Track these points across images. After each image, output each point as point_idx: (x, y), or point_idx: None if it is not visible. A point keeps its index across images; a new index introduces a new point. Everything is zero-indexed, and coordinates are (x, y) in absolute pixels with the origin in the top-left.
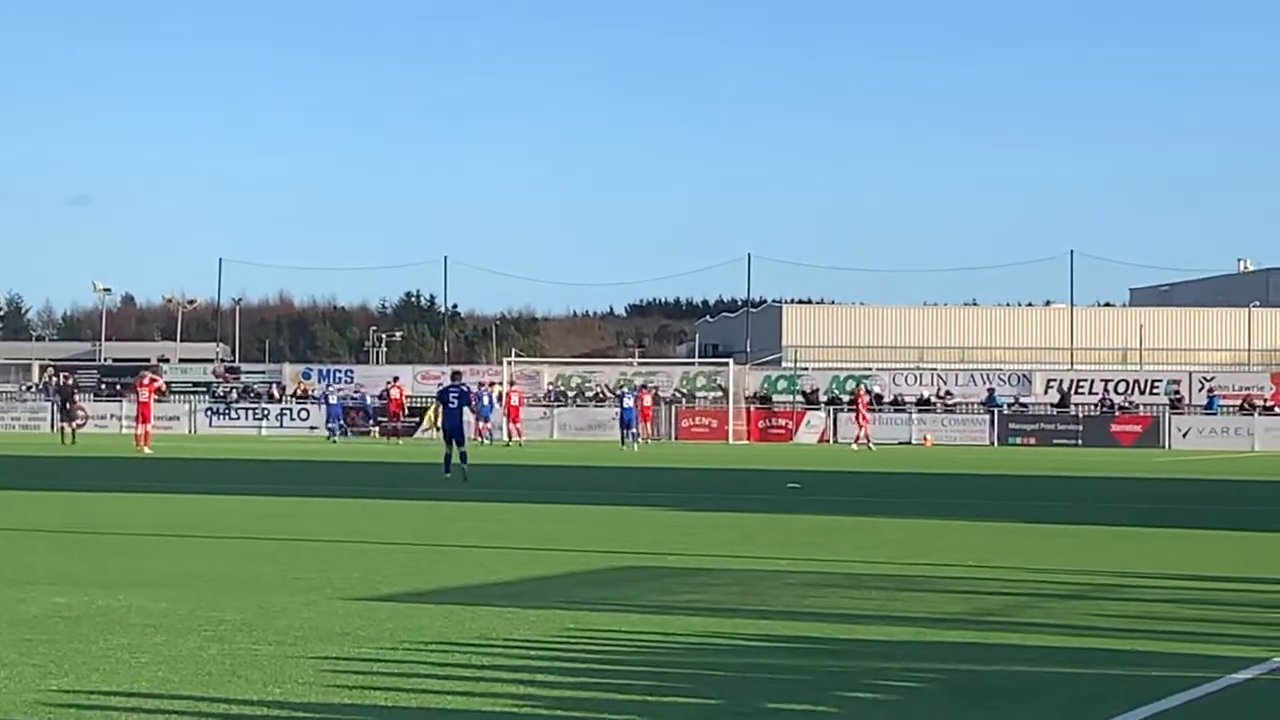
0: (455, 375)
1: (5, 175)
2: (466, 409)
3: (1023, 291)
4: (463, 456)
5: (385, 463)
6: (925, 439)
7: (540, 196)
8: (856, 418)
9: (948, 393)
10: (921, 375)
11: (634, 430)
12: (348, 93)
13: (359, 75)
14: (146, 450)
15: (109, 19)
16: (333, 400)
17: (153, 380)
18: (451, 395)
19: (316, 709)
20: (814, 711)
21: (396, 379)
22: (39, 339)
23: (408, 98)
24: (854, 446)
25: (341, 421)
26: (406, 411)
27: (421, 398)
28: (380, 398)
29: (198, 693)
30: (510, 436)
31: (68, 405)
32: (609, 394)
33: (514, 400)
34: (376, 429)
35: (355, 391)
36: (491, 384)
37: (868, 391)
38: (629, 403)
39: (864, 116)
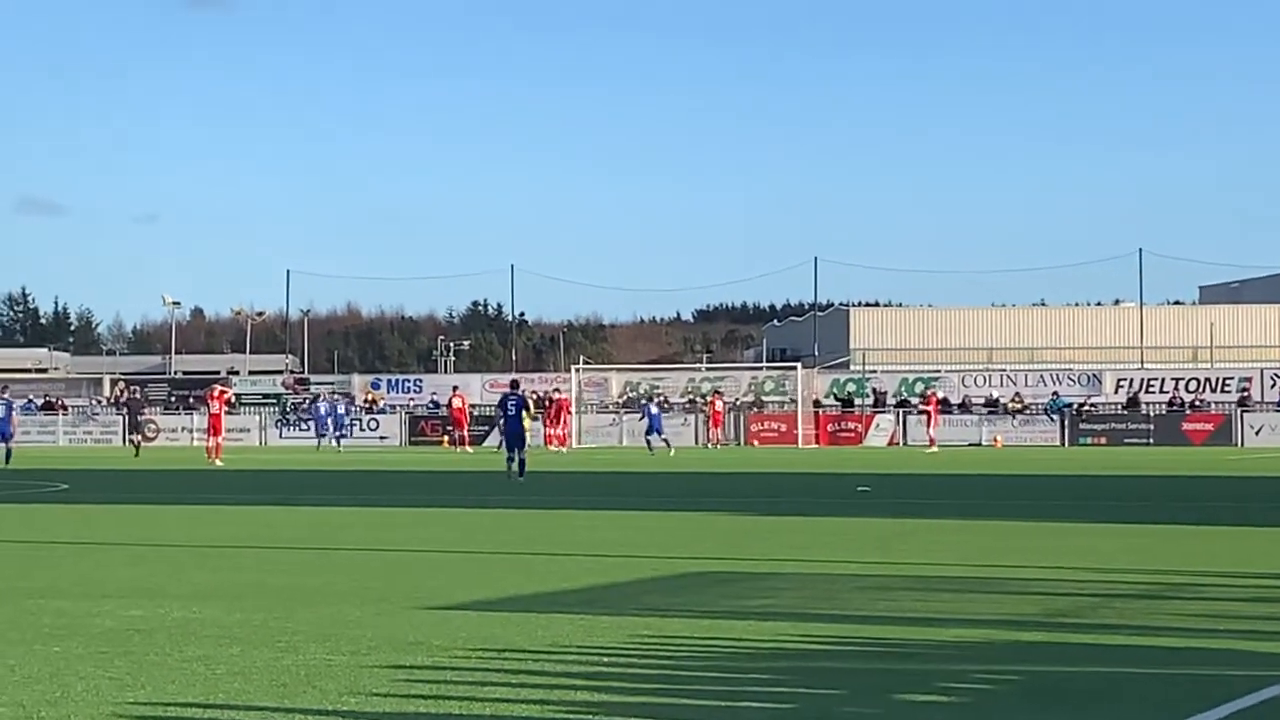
0: (514, 384)
1: (74, 193)
2: (527, 416)
3: (1091, 291)
4: (521, 463)
5: (455, 472)
6: (995, 440)
7: (606, 202)
8: (928, 421)
9: (1017, 394)
10: (990, 376)
11: (662, 435)
12: (411, 102)
13: (422, 85)
14: (218, 462)
15: (172, 37)
16: (323, 410)
17: (222, 392)
18: (510, 403)
19: (391, 718)
20: (887, 715)
21: (456, 388)
22: (110, 354)
23: (471, 106)
24: (929, 450)
25: (341, 430)
26: (473, 420)
27: (490, 406)
28: (445, 406)
29: (273, 703)
30: (551, 442)
31: (137, 418)
32: (640, 401)
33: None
34: (446, 438)
35: (429, 401)
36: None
37: (937, 394)
38: (654, 410)
39: (929, 117)
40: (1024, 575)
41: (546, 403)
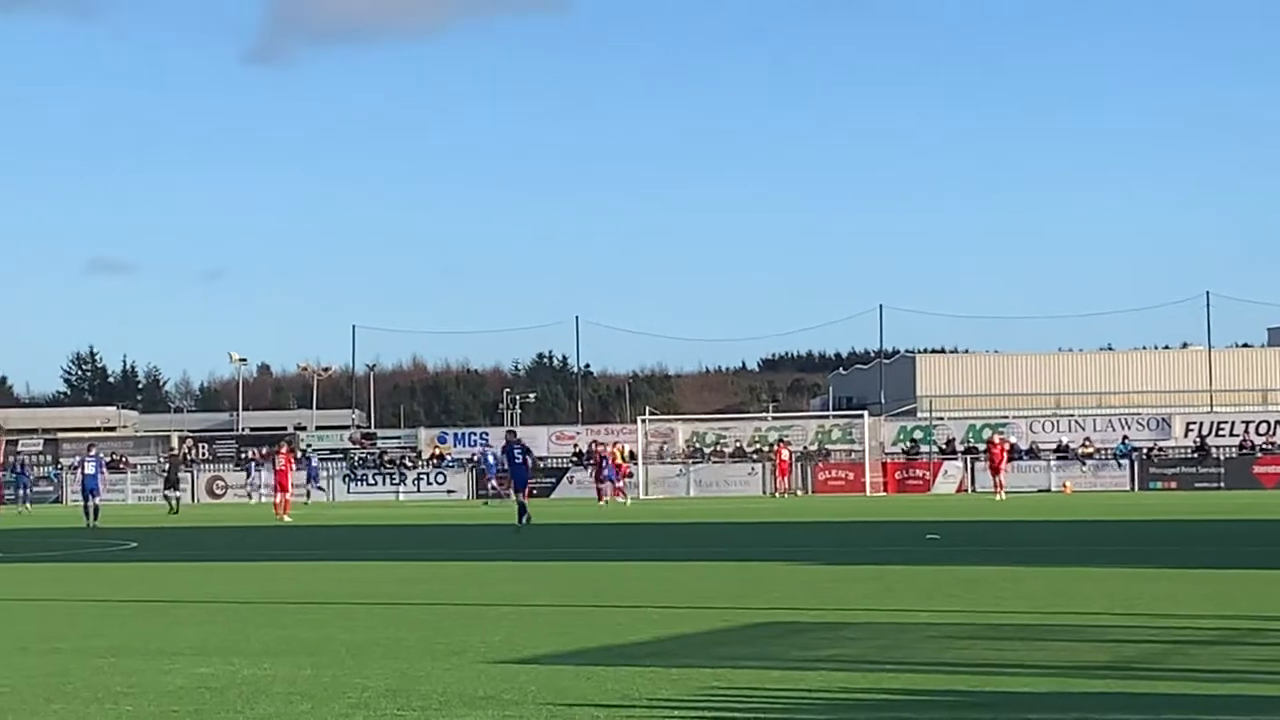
0: (511, 434)
1: (140, 251)
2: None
3: (1159, 334)
4: (523, 507)
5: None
6: (1065, 486)
7: (671, 252)
8: (993, 466)
9: (1087, 439)
10: (1058, 422)
11: (616, 483)
12: (472, 155)
13: (484, 136)
14: (285, 518)
15: (233, 93)
16: (314, 462)
17: (290, 451)
18: (516, 450)
19: None
20: None
21: (480, 442)
22: (177, 411)
23: (535, 156)
24: (999, 497)
25: (318, 483)
26: (540, 471)
27: (558, 458)
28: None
29: None
30: (602, 496)
31: (176, 476)
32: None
33: (618, 459)
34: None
35: (484, 453)
36: (612, 444)
37: (1006, 440)
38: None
39: (994, 164)
40: (1095, 622)
41: (590, 456)
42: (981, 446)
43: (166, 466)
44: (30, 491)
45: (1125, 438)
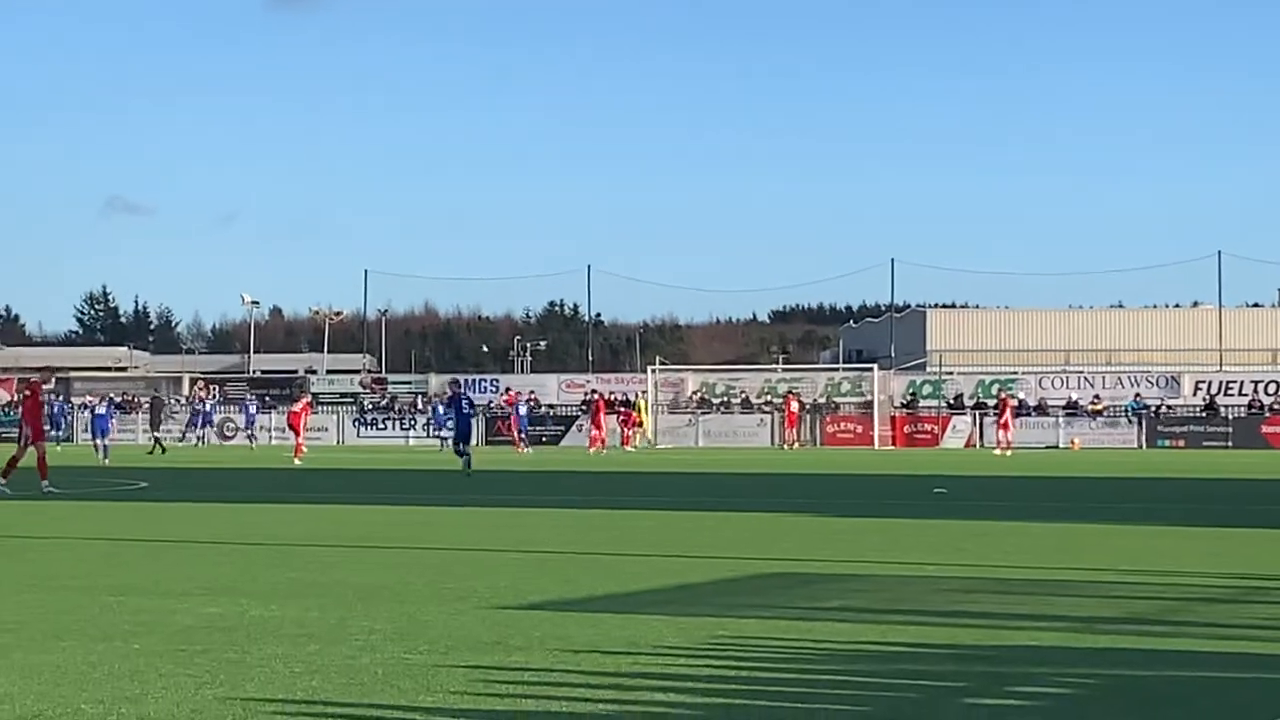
0: (455, 384)
1: (157, 193)
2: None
3: (1170, 293)
4: (466, 456)
5: (529, 472)
6: (1073, 442)
7: (682, 203)
8: (999, 423)
9: (1097, 397)
10: (1068, 378)
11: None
12: (487, 102)
13: (497, 84)
14: (296, 461)
15: (252, 38)
16: (99, 410)
17: (307, 404)
18: (463, 403)
19: (469, 716)
20: (962, 719)
21: (509, 389)
22: (189, 352)
23: (545, 106)
24: (996, 452)
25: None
26: (551, 420)
27: (568, 406)
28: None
29: (351, 700)
30: (593, 445)
31: (159, 417)
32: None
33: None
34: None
35: (434, 404)
36: (516, 393)
37: (1013, 397)
38: (523, 410)
39: (1007, 119)
40: (1102, 578)
41: (586, 404)
42: (991, 402)
43: (150, 409)
44: (60, 431)
45: (1138, 395)
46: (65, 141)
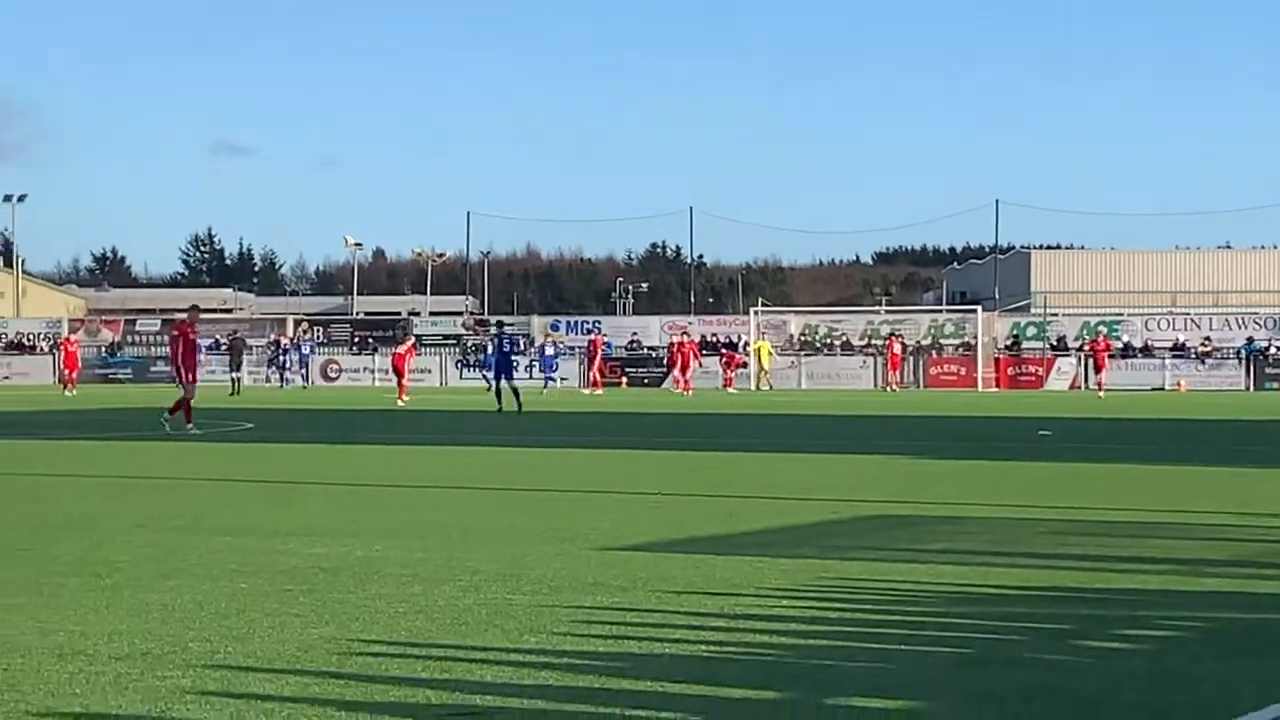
0: (500, 324)
1: (263, 135)
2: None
3: (1278, 233)
4: (515, 392)
5: (632, 413)
6: (1179, 384)
7: (786, 144)
8: (1095, 364)
9: (1206, 339)
10: (1174, 320)
11: (552, 377)
12: (587, 43)
13: (600, 25)
14: (399, 403)
15: None
16: (550, 352)
17: (411, 348)
18: (504, 342)
19: (572, 656)
20: (1067, 660)
21: (592, 329)
22: (293, 294)
23: (649, 47)
24: (1101, 395)
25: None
26: (651, 362)
27: (666, 349)
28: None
29: (454, 641)
30: (678, 386)
31: (240, 359)
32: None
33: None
34: (625, 379)
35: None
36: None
37: (1114, 338)
38: (549, 351)
39: (1112, 57)
40: (1209, 520)
41: (673, 349)
42: (1079, 345)
43: (230, 350)
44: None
45: (1250, 339)
46: (171, 85)
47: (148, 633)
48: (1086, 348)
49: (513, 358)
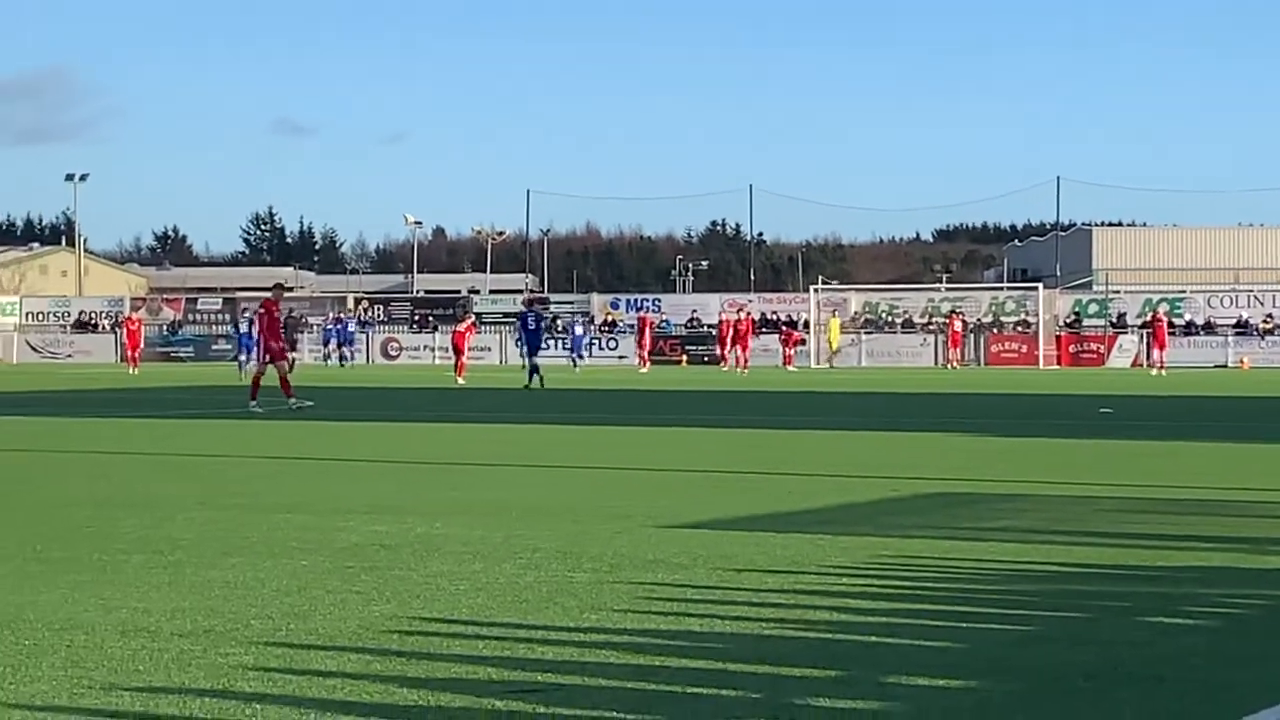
0: (528, 302)
1: (323, 114)
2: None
3: None
4: (535, 368)
5: (691, 391)
6: (1242, 361)
7: (846, 122)
8: (1154, 341)
9: (1269, 315)
10: (1237, 297)
11: (581, 355)
12: (651, 21)
13: (658, 5)
14: (459, 381)
15: None
16: (243, 329)
17: (471, 325)
18: (529, 318)
19: (632, 634)
20: (1131, 638)
21: (650, 307)
22: (353, 273)
23: (705, 26)
24: (1153, 373)
25: (249, 354)
26: (712, 340)
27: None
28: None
29: (515, 619)
30: (725, 362)
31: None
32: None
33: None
34: (685, 357)
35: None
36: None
37: (1175, 315)
38: (579, 330)
39: (1169, 35)
40: (1272, 498)
41: (725, 326)
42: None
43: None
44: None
45: None
46: (233, 64)
47: (210, 610)
48: (1152, 323)
49: (540, 335)
